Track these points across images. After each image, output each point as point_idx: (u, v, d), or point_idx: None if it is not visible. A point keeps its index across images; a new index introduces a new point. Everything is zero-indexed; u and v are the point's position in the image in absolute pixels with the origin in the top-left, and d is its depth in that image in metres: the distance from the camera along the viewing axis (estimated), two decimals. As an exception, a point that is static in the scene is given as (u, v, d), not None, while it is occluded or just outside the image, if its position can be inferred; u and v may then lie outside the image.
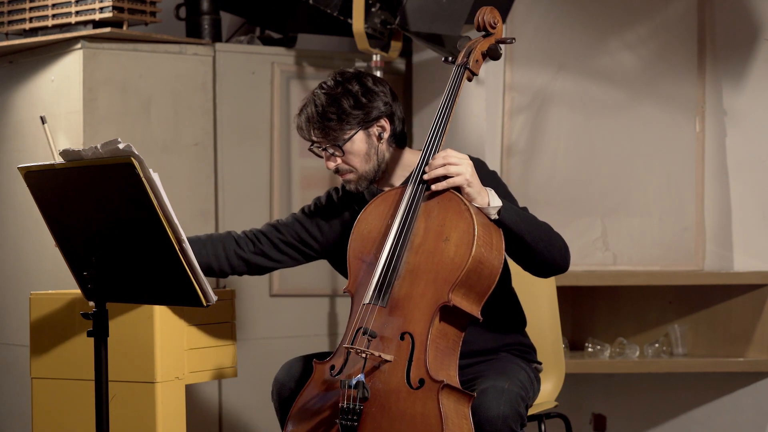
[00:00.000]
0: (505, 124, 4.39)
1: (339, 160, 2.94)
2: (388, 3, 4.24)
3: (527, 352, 3.03)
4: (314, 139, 2.94)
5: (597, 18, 4.41)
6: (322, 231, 3.09)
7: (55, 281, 3.94)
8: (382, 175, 2.98)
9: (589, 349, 4.34)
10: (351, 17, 4.18)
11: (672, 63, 4.37)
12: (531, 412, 3.08)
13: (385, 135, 2.95)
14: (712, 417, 4.36)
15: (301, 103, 2.96)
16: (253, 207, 4.35)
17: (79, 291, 2.81)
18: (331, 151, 2.93)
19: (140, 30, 4.18)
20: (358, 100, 2.90)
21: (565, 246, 2.85)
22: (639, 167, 4.39)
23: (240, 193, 4.33)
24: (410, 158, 3.00)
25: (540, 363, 3.06)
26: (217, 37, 4.43)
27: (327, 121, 2.89)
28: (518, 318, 3.06)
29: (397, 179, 2.99)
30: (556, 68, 4.39)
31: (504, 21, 4.31)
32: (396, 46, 4.34)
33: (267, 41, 4.57)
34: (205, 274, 3.04)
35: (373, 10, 4.22)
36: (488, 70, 4.36)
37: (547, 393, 3.33)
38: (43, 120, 2.78)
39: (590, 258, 4.37)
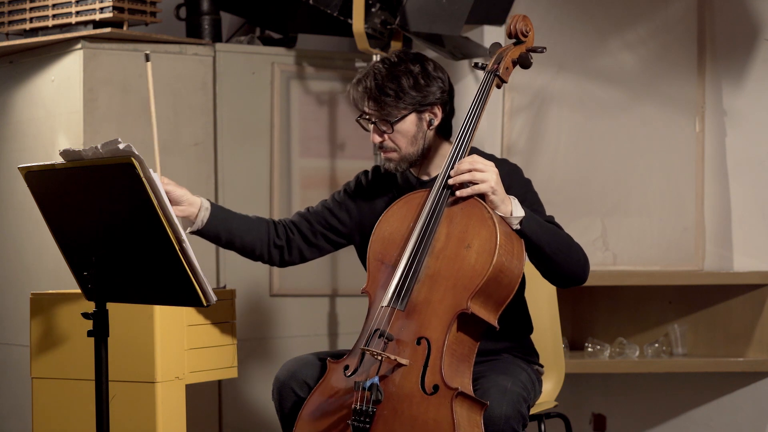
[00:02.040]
0: (505, 124, 4.39)
1: (386, 137, 2.93)
2: (388, 3, 4.24)
3: (529, 354, 3.04)
4: (367, 110, 2.93)
5: (597, 18, 4.41)
6: (351, 215, 3.07)
7: (55, 281, 3.94)
8: (421, 160, 2.98)
9: (589, 349, 4.34)
10: (351, 17, 4.18)
11: (672, 63, 4.37)
12: (531, 412, 3.08)
13: (435, 122, 2.94)
14: (712, 417, 4.36)
15: (360, 74, 2.96)
16: (253, 207, 4.34)
17: (79, 291, 2.81)
18: (381, 126, 2.92)
19: (140, 30, 4.18)
20: (417, 82, 2.90)
21: (584, 258, 2.87)
22: (639, 167, 4.39)
23: (240, 193, 4.33)
24: (449, 150, 2.99)
25: (542, 366, 3.07)
26: (217, 37, 4.43)
27: (384, 96, 2.88)
28: (525, 324, 3.07)
29: (434, 168, 2.98)
30: (556, 68, 4.39)
31: (503, 22, 4.31)
32: (396, 46, 4.34)
33: (267, 41, 4.57)
34: (243, 254, 3.03)
35: (373, 10, 4.22)
36: (488, 70, 4.37)
37: (547, 393, 3.33)
38: (147, 57, 2.74)
39: (590, 258, 4.33)
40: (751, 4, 4.27)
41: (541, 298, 3.42)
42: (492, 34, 4.40)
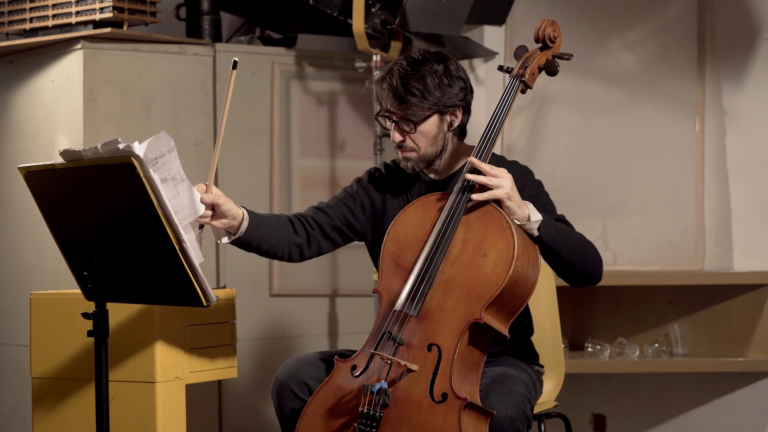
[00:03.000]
0: (505, 124, 4.39)
1: (407, 137, 2.90)
2: (388, 3, 4.24)
3: (529, 355, 3.04)
4: (390, 109, 2.90)
5: (597, 18, 4.41)
6: (365, 210, 3.05)
7: (55, 281, 3.94)
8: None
9: (589, 349, 4.34)
10: (351, 17, 4.18)
11: (672, 63, 4.37)
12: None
13: (456, 124, 2.93)
14: (712, 417, 4.36)
15: (383, 71, 2.94)
16: (252, 207, 4.30)
17: (79, 291, 2.81)
18: (403, 126, 2.90)
19: (140, 30, 4.18)
20: (441, 82, 2.88)
21: (599, 258, 2.87)
22: (639, 167, 4.39)
23: (240, 193, 4.32)
24: (465, 150, 2.98)
25: (542, 366, 3.07)
26: (217, 37, 4.43)
27: (410, 95, 2.85)
28: (526, 327, 3.06)
29: (448, 168, 2.98)
30: (556, 68, 4.39)
31: (503, 22, 4.31)
32: (396, 46, 4.34)
33: (267, 41, 4.57)
34: (267, 257, 3.01)
35: (373, 10, 4.22)
36: (488, 70, 4.36)
37: (547, 393, 3.33)
38: (234, 65, 2.71)
39: (590, 258, 4.36)
40: (751, 4, 4.27)
41: (541, 298, 3.42)
42: (492, 34, 4.40)
